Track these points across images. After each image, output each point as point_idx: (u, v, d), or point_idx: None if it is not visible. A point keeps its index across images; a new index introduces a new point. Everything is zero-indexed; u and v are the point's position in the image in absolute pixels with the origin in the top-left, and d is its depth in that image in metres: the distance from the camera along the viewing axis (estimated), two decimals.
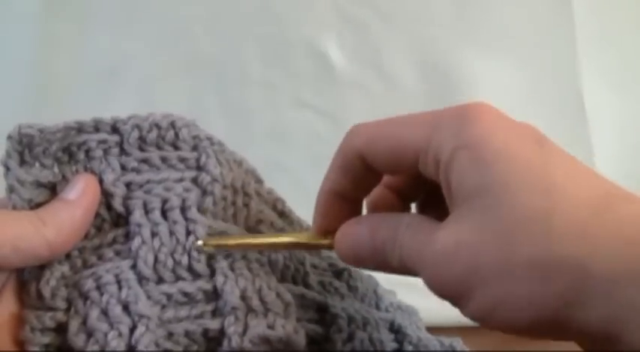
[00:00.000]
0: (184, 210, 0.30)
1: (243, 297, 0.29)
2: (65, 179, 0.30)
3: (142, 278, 0.29)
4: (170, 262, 0.29)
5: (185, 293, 0.29)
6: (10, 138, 0.29)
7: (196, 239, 0.30)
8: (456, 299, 0.26)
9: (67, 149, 0.30)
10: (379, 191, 0.32)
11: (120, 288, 0.28)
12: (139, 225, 0.30)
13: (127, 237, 0.30)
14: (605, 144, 0.63)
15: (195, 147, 0.32)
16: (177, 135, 0.32)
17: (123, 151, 0.31)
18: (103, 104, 0.57)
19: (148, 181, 0.31)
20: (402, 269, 0.28)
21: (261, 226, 0.33)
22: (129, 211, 0.30)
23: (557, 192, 0.24)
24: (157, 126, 0.32)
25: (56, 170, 0.30)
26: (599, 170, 0.26)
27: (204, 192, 0.31)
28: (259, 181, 0.35)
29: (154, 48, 0.61)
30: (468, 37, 0.64)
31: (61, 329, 0.28)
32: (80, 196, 0.29)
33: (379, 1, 0.63)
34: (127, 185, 0.31)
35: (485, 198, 0.25)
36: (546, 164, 0.25)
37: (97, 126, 0.31)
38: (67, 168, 0.30)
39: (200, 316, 0.29)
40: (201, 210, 0.31)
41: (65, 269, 0.29)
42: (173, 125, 0.32)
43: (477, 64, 0.63)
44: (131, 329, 0.27)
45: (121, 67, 0.60)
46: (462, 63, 0.63)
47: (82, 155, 0.31)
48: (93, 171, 0.30)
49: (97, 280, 0.28)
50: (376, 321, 0.34)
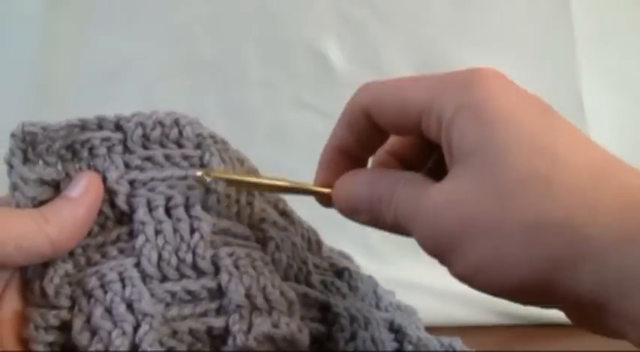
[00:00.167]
0: (188, 207, 0.30)
1: (247, 295, 0.29)
2: (69, 177, 0.30)
3: (145, 277, 0.29)
4: (174, 260, 0.29)
5: (189, 292, 0.29)
6: (14, 136, 0.29)
7: (201, 236, 0.30)
8: (445, 255, 0.26)
9: (70, 147, 0.30)
10: (383, 157, 0.32)
11: (124, 286, 0.28)
12: (142, 222, 0.30)
13: (131, 235, 0.30)
14: (604, 144, 0.63)
15: (199, 145, 0.32)
16: (180, 133, 0.32)
17: (126, 149, 0.31)
18: (103, 104, 0.57)
19: (151, 179, 0.31)
20: (396, 226, 0.29)
21: (264, 224, 0.33)
22: (133, 209, 0.30)
23: (559, 159, 0.24)
24: (161, 124, 0.32)
25: (60, 168, 0.30)
26: None
27: (207, 190, 0.31)
28: None
29: (154, 48, 0.61)
30: (466, 37, 0.64)
31: (65, 327, 0.28)
32: (83, 194, 0.29)
33: (378, 2, 0.64)
34: (131, 183, 0.30)
35: (485, 156, 0.25)
36: (549, 130, 0.25)
37: (100, 124, 0.31)
38: (71, 166, 0.30)
39: (204, 314, 0.29)
40: (205, 207, 0.31)
41: (69, 267, 0.28)
42: (177, 123, 0.32)
43: (476, 64, 0.63)
44: (135, 328, 0.27)
45: (122, 68, 0.60)
46: (460, 63, 0.62)
47: (85, 153, 0.30)
48: (96, 169, 0.30)
49: (101, 278, 0.28)
50: (377, 321, 0.34)
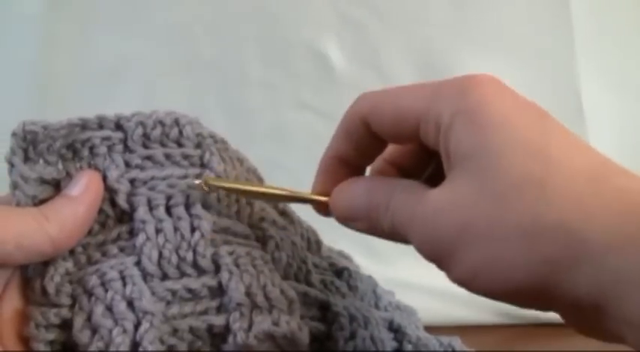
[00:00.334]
0: (189, 206, 0.30)
1: (248, 293, 0.29)
2: (69, 176, 0.30)
3: (146, 275, 0.29)
4: (175, 258, 0.29)
5: (190, 290, 0.29)
6: (15, 135, 0.29)
7: (202, 235, 0.30)
8: (443, 260, 0.26)
9: (71, 146, 0.30)
10: (381, 165, 0.32)
11: (124, 285, 0.28)
12: (143, 221, 0.30)
13: (132, 234, 0.30)
14: (603, 144, 0.63)
15: (199, 145, 0.33)
16: (180, 132, 0.32)
17: (127, 148, 0.31)
18: (104, 104, 0.57)
19: (152, 178, 0.31)
20: (393, 233, 0.29)
21: (264, 223, 0.33)
22: (133, 208, 0.30)
23: (553, 162, 0.24)
24: (161, 124, 0.32)
25: (60, 167, 0.30)
26: None
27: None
28: (260, 180, 0.35)
29: (154, 48, 0.61)
30: (466, 37, 0.64)
31: (66, 325, 0.28)
32: (83, 192, 0.29)
33: (378, 2, 0.64)
34: (131, 181, 0.31)
35: (480, 160, 0.25)
36: (544, 134, 0.25)
37: (100, 123, 0.31)
38: (71, 165, 0.30)
39: (205, 312, 0.29)
40: (206, 206, 0.31)
41: (69, 265, 0.29)
42: (177, 122, 0.32)
43: (476, 64, 0.63)
44: (136, 326, 0.27)
45: (122, 68, 0.60)
46: (460, 63, 0.63)
47: (85, 152, 0.31)
48: (97, 168, 0.30)
49: (102, 276, 0.28)
50: (376, 320, 0.34)
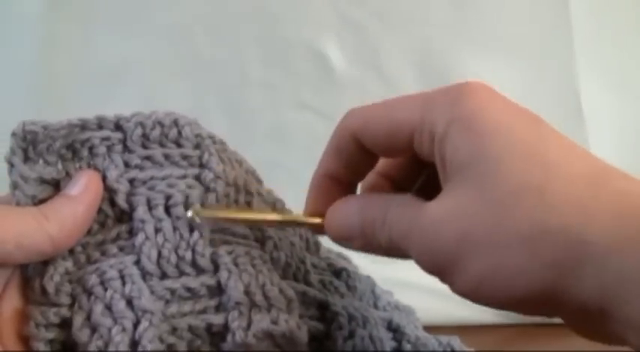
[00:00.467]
0: (188, 206, 0.30)
1: (246, 292, 0.29)
2: (69, 176, 0.30)
3: (145, 274, 0.29)
4: (174, 257, 0.29)
5: (189, 289, 0.29)
6: (15, 134, 0.29)
7: (201, 234, 0.30)
8: (445, 272, 0.26)
9: (70, 146, 0.30)
10: (373, 178, 0.32)
11: (124, 284, 0.28)
12: (142, 221, 0.30)
13: (131, 233, 0.30)
14: (603, 144, 0.63)
15: (198, 146, 0.33)
16: (180, 133, 0.32)
17: (126, 148, 0.31)
18: (104, 104, 0.58)
19: (151, 178, 0.31)
20: (391, 248, 0.28)
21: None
22: (132, 207, 0.30)
23: (552, 166, 0.24)
24: (160, 124, 0.32)
25: (60, 167, 0.30)
26: None
27: (207, 189, 0.31)
28: (259, 182, 0.35)
29: (155, 49, 0.61)
30: (466, 37, 0.64)
31: (66, 324, 0.28)
32: (82, 192, 0.29)
33: (378, 3, 0.64)
34: (131, 181, 0.31)
35: (478, 167, 0.25)
36: (541, 140, 0.25)
37: (100, 124, 0.31)
38: (71, 165, 0.30)
39: (204, 311, 0.29)
40: (205, 206, 0.31)
41: (69, 264, 0.29)
42: (176, 123, 0.32)
43: (475, 64, 0.63)
44: (135, 324, 0.27)
45: (123, 68, 0.60)
46: (460, 64, 0.63)
47: (85, 152, 0.31)
48: (96, 168, 0.30)
49: (101, 275, 0.29)
50: (375, 320, 0.34)
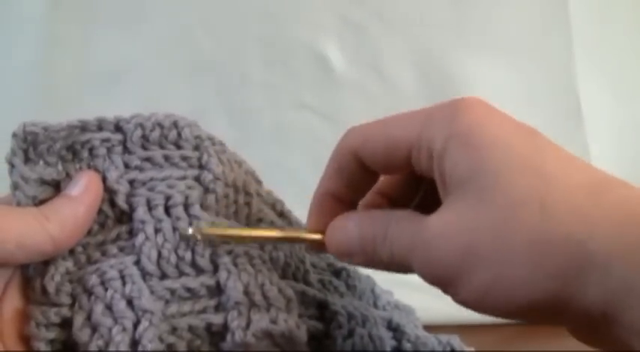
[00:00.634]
0: (187, 206, 0.31)
1: (246, 292, 0.29)
2: (69, 177, 0.30)
3: (145, 274, 0.29)
4: (173, 258, 0.29)
5: (188, 289, 0.29)
6: (15, 136, 0.30)
7: (196, 237, 0.30)
8: (449, 284, 0.26)
9: (70, 147, 0.31)
10: (372, 197, 0.33)
11: (124, 284, 0.28)
12: (142, 221, 0.30)
13: (131, 234, 0.30)
14: (602, 145, 0.64)
15: (197, 147, 0.33)
16: (179, 134, 0.33)
17: (126, 150, 0.31)
18: (105, 105, 0.58)
19: (151, 179, 0.31)
20: (393, 263, 0.28)
21: (262, 224, 0.34)
22: (132, 208, 0.30)
23: (551, 178, 0.25)
24: (160, 126, 0.32)
25: (60, 168, 0.30)
26: None
27: (206, 190, 0.32)
28: (258, 182, 0.36)
29: (156, 50, 0.61)
30: (466, 39, 0.64)
31: (66, 324, 0.28)
32: (83, 192, 0.29)
33: (378, 4, 0.64)
34: (131, 182, 0.31)
35: (478, 181, 0.25)
36: (538, 152, 0.26)
37: (100, 125, 0.31)
38: (71, 166, 0.31)
39: (203, 311, 0.29)
40: (204, 207, 0.31)
41: (69, 265, 0.29)
42: (175, 125, 0.33)
43: (475, 65, 0.63)
44: (135, 324, 0.27)
45: (124, 69, 0.61)
46: (460, 65, 0.63)
47: (85, 153, 0.31)
48: (96, 169, 0.31)
49: (102, 276, 0.29)
50: (375, 319, 0.34)
